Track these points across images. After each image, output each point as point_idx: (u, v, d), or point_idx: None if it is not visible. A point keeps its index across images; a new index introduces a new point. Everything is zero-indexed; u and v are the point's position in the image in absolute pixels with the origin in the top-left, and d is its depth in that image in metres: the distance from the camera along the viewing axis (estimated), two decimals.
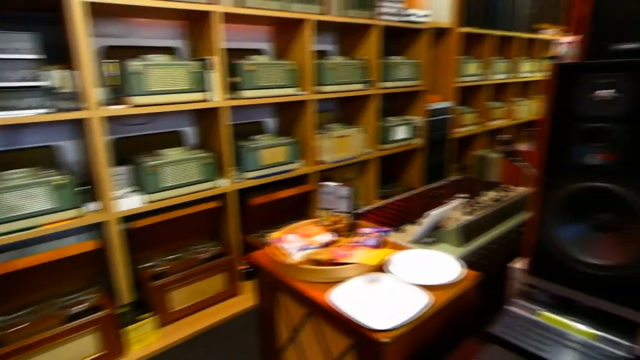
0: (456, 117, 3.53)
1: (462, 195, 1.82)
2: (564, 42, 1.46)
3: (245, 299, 2.18)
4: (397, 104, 3.32)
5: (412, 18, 2.90)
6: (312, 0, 2.29)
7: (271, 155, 2.31)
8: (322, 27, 2.70)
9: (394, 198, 1.93)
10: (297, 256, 1.23)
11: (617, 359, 0.92)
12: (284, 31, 2.47)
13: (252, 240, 2.31)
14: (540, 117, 1.07)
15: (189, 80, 1.91)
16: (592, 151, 1.00)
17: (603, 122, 0.97)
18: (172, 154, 1.95)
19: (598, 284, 1.01)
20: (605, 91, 0.95)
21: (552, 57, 4.41)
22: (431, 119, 3.30)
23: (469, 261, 1.36)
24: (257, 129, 2.64)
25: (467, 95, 3.77)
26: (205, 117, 2.20)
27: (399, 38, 3.22)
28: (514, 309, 1.13)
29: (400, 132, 3.11)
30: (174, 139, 2.24)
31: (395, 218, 1.67)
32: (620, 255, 0.98)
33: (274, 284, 1.27)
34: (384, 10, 2.70)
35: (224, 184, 2.11)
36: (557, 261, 1.08)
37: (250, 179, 2.22)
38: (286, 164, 2.39)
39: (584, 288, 1.04)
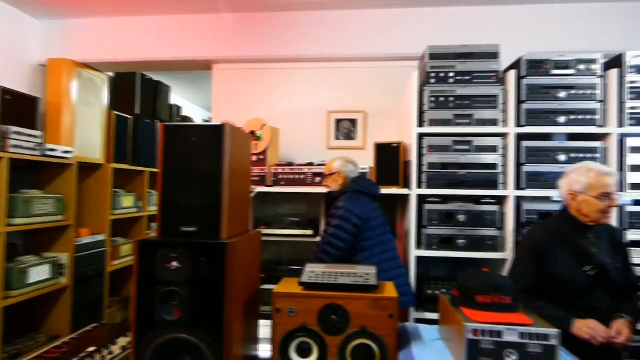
0: (112, 250, 3.49)
1: (90, 349, 1.77)
2: None
3: None
4: (36, 241, 2.97)
5: (54, 153, 2.82)
6: None
7: None
8: None
9: None
10: None
11: None
12: None
13: None
14: (133, 282, 1.28)
15: None
16: (171, 309, 1.27)
17: (175, 286, 1.26)
18: None
19: None
20: (175, 262, 1.27)
21: None
22: (81, 254, 3.12)
23: None
24: None
25: (125, 227, 3.86)
26: None
27: (39, 171, 3.02)
28: None
29: (39, 273, 2.75)
30: None
31: None
32: None
33: None
34: (14, 143, 2.52)
35: None
36: None
37: None
38: None
39: None
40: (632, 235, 2.35)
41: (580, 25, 3.05)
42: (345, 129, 3.36)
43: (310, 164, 2.83)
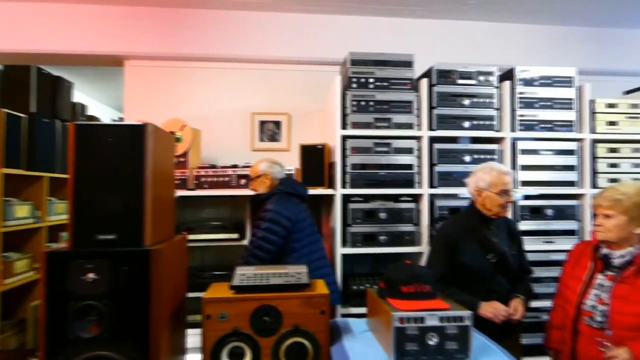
0: (3, 267, 3.05)
1: None
2: None
3: None
4: None
5: None
6: None
7: None
8: None
9: None
10: None
11: None
12: None
13: None
14: (40, 298, 1.14)
15: None
16: (88, 325, 1.16)
17: (93, 300, 1.16)
18: None
19: None
20: (91, 274, 1.16)
21: None
22: None
23: None
24: None
25: (20, 240, 3.39)
26: None
27: None
28: None
29: None
30: None
31: None
32: None
33: None
34: None
35: None
36: None
37: None
38: None
39: None
40: (523, 225, 2.70)
41: (480, 41, 3.42)
42: (270, 130, 3.35)
43: (235, 166, 2.77)
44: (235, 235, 2.81)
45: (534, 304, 2.63)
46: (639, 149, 2.88)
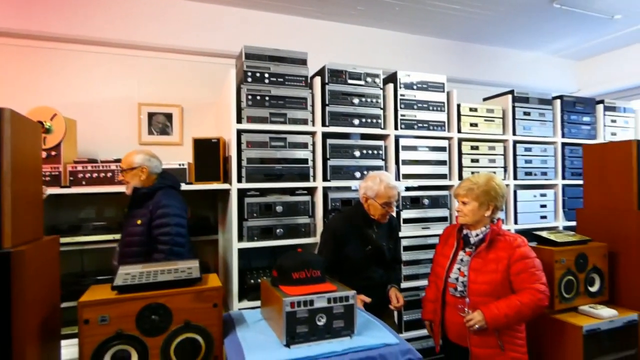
0: None
1: None
2: None
3: None
4: None
5: None
6: None
7: None
8: None
9: None
10: None
11: None
12: None
13: None
14: None
15: None
16: None
17: None
18: None
19: None
20: None
21: None
22: None
23: None
24: None
25: None
26: None
27: None
28: None
29: None
30: None
31: None
32: None
33: None
34: None
35: None
36: None
37: None
38: None
39: None
40: (404, 214, 3.01)
41: (367, 44, 3.69)
42: (160, 123, 3.16)
43: (118, 161, 2.55)
44: (120, 236, 2.58)
45: (414, 283, 2.96)
46: (493, 147, 3.42)
